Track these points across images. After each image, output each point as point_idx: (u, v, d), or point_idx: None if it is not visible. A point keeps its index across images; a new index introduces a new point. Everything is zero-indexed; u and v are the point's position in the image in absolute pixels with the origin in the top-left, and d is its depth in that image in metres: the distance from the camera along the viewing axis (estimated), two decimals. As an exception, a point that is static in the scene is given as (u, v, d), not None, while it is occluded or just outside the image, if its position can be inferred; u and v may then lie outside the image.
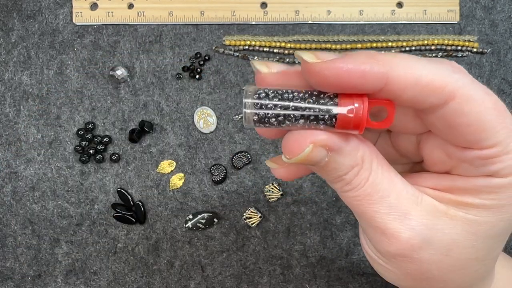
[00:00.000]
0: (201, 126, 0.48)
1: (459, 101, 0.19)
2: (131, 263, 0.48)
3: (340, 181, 0.22)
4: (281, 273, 0.47)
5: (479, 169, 0.21)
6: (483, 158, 0.20)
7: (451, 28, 0.49)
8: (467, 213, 0.21)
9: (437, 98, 0.19)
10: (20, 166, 0.48)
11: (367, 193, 0.21)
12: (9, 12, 0.49)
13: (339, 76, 0.18)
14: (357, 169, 0.21)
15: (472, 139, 0.20)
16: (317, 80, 0.19)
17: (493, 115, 0.19)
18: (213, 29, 0.49)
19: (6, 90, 0.49)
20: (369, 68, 0.18)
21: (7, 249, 0.48)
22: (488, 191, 0.21)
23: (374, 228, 0.22)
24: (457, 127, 0.20)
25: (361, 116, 0.19)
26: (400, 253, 0.22)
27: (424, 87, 0.19)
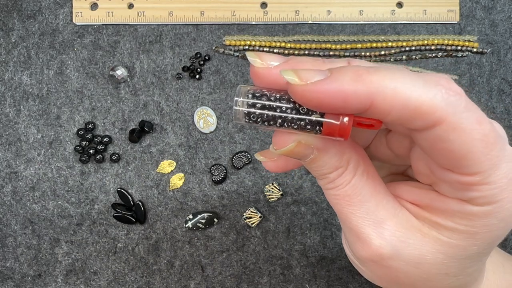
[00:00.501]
0: (201, 126, 0.48)
1: (445, 128, 0.18)
2: (131, 263, 0.48)
3: (324, 178, 0.23)
4: (281, 273, 0.47)
5: (457, 192, 0.21)
6: (462, 184, 0.20)
7: (451, 28, 0.49)
8: (440, 233, 0.22)
9: (423, 123, 0.18)
10: (20, 166, 0.48)
11: (347, 194, 0.22)
12: (9, 12, 0.49)
13: (322, 99, 0.18)
14: (341, 170, 0.22)
15: (454, 165, 0.19)
16: (301, 101, 0.19)
17: (479, 146, 0.19)
18: (213, 29, 0.49)
19: (6, 90, 0.49)
20: (353, 92, 0.18)
21: (7, 249, 0.48)
22: (462, 217, 0.21)
23: (349, 230, 0.23)
24: (439, 150, 0.19)
25: (346, 127, 0.20)
26: (370, 258, 0.22)
27: (411, 111, 0.18)
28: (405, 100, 0.18)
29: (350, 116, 0.19)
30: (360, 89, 0.18)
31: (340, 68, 0.19)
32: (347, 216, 0.23)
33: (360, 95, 0.18)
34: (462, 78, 0.49)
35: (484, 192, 0.20)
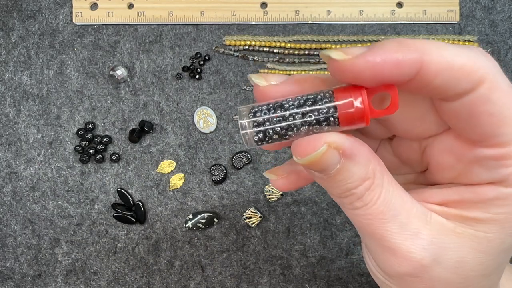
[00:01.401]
0: (201, 126, 0.48)
1: (488, 87, 0.18)
2: (131, 263, 0.48)
3: (349, 196, 0.20)
4: (281, 273, 0.47)
5: (490, 171, 0.20)
6: (495, 158, 0.19)
7: (451, 28, 0.49)
8: (476, 230, 0.21)
9: (468, 82, 0.18)
10: (20, 166, 0.48)
11: (379, 211, 0.20)
12: (9, 12, 0.49)
13: (373, 69, 0.18)
14: (368, 183, 0.20)
15: (489, 132, 0.19)
16: (350, 76, 0.18)
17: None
18: (213, 29, 0.49)
19: (6, 90, 0.49)
20: (402, 57, 0.18)
21: (7, 249, 0.48)
22: (498, 204, 0.20)
23: (382, 248, 0.21)
24: (478, 116, 0.19)
25: (363, 107, 0.18)
26: (410, 273, 0.21)
27: (457, 71, 0.18)
28: (451, 61, 0.18)
29: (363, 90, 0.18)
30: (408, 53, 0.18)
31: (380, 42, 0.18)
32: (381, 235, 0.20)
33: (409, 59, 0.18)
34: (462, 78, 0.49)
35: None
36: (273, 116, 0.19)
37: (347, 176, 0.20)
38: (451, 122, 0.20)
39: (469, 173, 0.21)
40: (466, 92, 0.18)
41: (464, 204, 0.21)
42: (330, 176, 0.20)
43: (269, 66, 0.49)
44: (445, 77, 0.18)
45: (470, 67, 0.18)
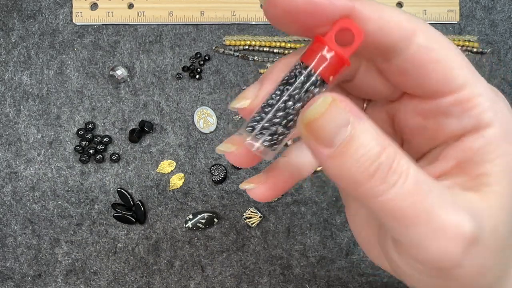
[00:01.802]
0: (201, 126, 0.48)
1: (424, 37, 0.17)
2: (131, 263, 0.48)
3: (377, 171, 0.16)
4: (281, 273, 0.47)
5: (460, 119, 0.18)
6: (458, 104, 0.18)
7: (451, 28, 0.49)
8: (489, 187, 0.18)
9: (401, 34, 0.17)
10: (20, 166, 0.48)
11: (416, 186, 0.16)
12: (9, 12, 0.49)
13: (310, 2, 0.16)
14: (392, 151, 0.16)
15: (442, 79, 0.18)
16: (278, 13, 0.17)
17: (459, 55, 0.18)
18: (213, 29, 0.49)
19: (6, 90, 0.49)
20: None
21: (7, 249, 0.48)
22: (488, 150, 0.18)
23: (426, 231, 0.17)
24: (425, 67, 0.18)
25: (334, 50, 0.17)
26: (462, 251, 0.17)
27: (388, 23, 0.17)
28: (381, 14, 0.17)
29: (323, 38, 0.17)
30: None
31: None
32: (428, 214, 0.16)
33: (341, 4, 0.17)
34: (462, 78, 0.49)
35: (485, 103, 0.18)
36: (267, 118, 0.18)
37: (365, 142, 0.16)
38: (403, 83, 0.19)
39: (442, 129, 0.19)
40: (402, 46, 0.18)
41: (463, 167, 0.19)
42: (342, 146, 0.16)
43: (269, 66, 0.49)
44: (376, 25, 0.17)
45: (399, 20, 0.17)
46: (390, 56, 0.18)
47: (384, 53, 0.18)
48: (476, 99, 0.18)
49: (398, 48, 0.18)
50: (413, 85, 0.19)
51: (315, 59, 0.17)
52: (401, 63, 0.18)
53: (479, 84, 0.18)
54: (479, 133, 0.18)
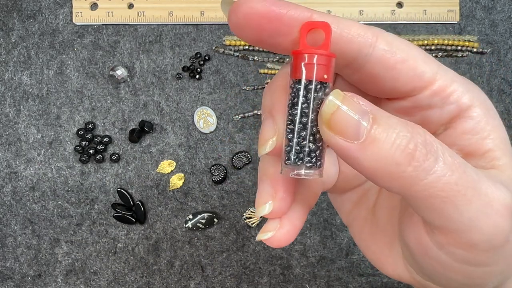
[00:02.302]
0: (201, 126, 0.48)
1: (385, 41, 0.18)
2: (131, 263, 0.48)
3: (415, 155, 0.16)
4: (281, 273, 0.47)
5: (442, 109, 0.19)
6: (436, 93, 0.19)
7: (451, 28, 0.49)
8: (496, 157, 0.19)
9: (363, 39, 0.18)
10: (20, 166, 0.48)
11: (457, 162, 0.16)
12: (9, 12, 0.49)
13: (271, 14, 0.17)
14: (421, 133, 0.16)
15: (412, 76, 0.18)
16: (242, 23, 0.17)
17: (419, 50, 0.19)
18: (213, 29, 0.49)
19: (6, 90, 0.49)
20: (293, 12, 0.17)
21: (7, 249, 0.48)
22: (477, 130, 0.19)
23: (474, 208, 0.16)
24: (395, 67, 0.18)
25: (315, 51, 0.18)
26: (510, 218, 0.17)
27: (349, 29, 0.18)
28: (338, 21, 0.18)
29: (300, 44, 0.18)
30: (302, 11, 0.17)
31: None
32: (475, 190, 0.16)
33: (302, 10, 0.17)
34: (462, 78, 0.49)
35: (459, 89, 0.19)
36: (295, 142, 0.18)
37: (393, 125, 0.16)
38: (378, 89, 0.20)
39: (428, 121, 0.20)
40: (367, 52, 0.18)
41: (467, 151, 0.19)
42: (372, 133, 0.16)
43: (269, 66, 0.49)
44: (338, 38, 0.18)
45: (358, 28, 0.18)
46: (358, 65, 0.18)
47: (352, 63, 0.18)
48: (450, 86, 0.19)
49: (363, 55, 0.18)
50: (389, 89, 0.19)
51: (303, 70, 0.18)
52: (371, 69, 0.18)
53: (448, 72, 0.19)
54: (465, 116, 0.19)
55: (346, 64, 0.19)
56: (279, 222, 0.20)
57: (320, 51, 0.17)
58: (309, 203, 0.21)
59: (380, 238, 0.23)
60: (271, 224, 0.20)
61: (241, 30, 0.17)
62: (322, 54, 0.17)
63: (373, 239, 0.23)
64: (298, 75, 0.18)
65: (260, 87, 0.49)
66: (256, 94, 0.49)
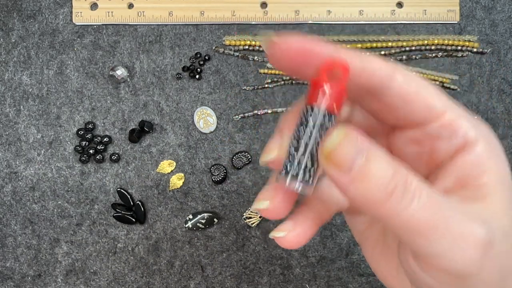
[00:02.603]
0: (201, 126, 0.48)
1: (402, 75, 0.20)
2: (131, 263, 0.48)
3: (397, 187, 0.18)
4: (281, 273, 0.47)
5: (450, 140, 0.21)
6: (445, 126, 0.21)
7: (451, 28, 0.49)
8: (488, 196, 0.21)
9: (383, 72, 0.20)
10: (20, 166, 0.48)
11: (433, 202, 0.18)
12: (9, 12, 0.49)
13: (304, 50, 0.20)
14: (402, 173, 0.18)
15: (425, 108, 0.21)
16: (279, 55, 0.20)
17: (432, 88, 0.21)
18: (213, 29, 0.49)
19: (6, 90, 0.49)
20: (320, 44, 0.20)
21: (7, 249, 0.48)
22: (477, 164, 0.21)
23: (446, 240, 0.18)
24: (409, 99, 0.21)
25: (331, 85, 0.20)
26: (481, 254, 0.19)
27: (370, 63, 0.20)
28: (361, 56, 0.20)
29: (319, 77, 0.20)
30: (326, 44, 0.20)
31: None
32: (447, 224, 0.18)
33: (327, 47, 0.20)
34: (462, 78, 0.49)
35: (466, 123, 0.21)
36: (296, 158, 0.21)
37: (380, 165, 0.18)
38: (392, 118, 0.22)
39: (436, 151, 0.22)
40: (385, 84, 0.20)
41: (461, 182, 0.21)
42: (360, 170, 0.18)
43: (269, 66, 0.49)
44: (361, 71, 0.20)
45: (379, 62, 0.20)
46: (377, 95, 0.21)
47: (371, 94, 0.21)
48: (458, 121, 0.21)
49: (382, 86, 0.21)
50: (402, 118, 0.22)
51: (317, 98, 0.20)
52: (388, 100, 0.21)
53: (457, 108, 0.21)
54: (469, 150, 0.21)
55: (365, 95, 0.21)
56: (292, 225, 0.23)
57: (336, 85, 0.20)
58: (321, 218, 0.24)
59: (389, 259, 0.24)
60: (285, 225, 0.23)
61: (278, 62, 0.21)
62: (337, 89, 0.20)
63: (383, 260, 0.25)
64: (311, 101, 0.20)
65: (260, 87, 0.49)
66: (256, 94, 0.49)
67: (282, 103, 0.49)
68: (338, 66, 0.20)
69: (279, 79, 0.49)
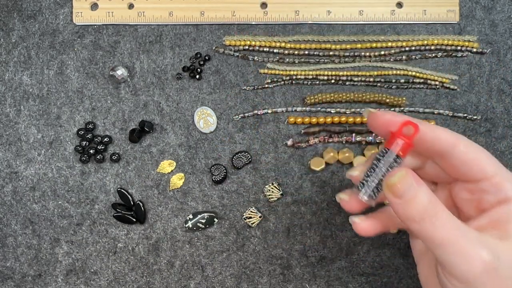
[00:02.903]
0: (201, 126, 0.48)
1: (463, 144, 0.30)
2: (131, 263, 0.48)
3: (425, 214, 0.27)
4: (281, 273, 0.48)
5: (496, 195, 0.29)
6: (494, 185, 0.29)
7: (451, 28, 0.49)
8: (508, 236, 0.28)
9: (449, 141, 0.30)
10: (21, 166, 0.48)
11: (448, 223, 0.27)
12: (9, 12, 0.49)
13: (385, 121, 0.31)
14: (434, 204, 0.27)
15: (479, 171, 0.29)
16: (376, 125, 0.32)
17: (484, 153, 0.30)
18: (213, 29, 0.49)
19: (7, 90, 0.49)
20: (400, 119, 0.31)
21: (7, 249, 0.48)
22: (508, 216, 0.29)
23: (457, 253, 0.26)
24: (468, 162, 0.30)
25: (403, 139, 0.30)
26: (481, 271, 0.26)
27: (440, 134, 0.30)
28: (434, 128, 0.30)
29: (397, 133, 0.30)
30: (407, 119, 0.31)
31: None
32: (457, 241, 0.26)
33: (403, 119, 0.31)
34: (462, 78, 0.49)
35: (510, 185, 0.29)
36: (369, 180, 0.31)
37: (421, 198, 0.27)
38: (454, 173, 0.31)
39: (483, 201, 0.30)
40: (449, 149, 0.30)
41: (493, 223, 0.29)
42: (409, 198, 0.27)
43: (269, 66, 0.49)
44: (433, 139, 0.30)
45: (446, 133, 0.30)
46: (443, 157, 0.31)
47: (440, 155, 0.31)
48: (504, 182, 0.29)
49: (447, 151, 0.30)
50: (462, 175, 0.31)
51: (391, 145, 0.30)
52: (452, 161, 0.30)
53: (504, 171, 0.30)
54: (506, 204, 0.29)
55: (434, 155, 0.31)
56: (365, 218, 0.33)
57: (406, 138, 0.30)
58: (385, 225, 0.34)
59: (434, 280, 0.31)
60: (361, 216, 0.33)
61: (374, 128, 0.32)
62: (407, 142, 0.30)
63: (430, 280, 0.33)
64: (387, 146, 0.30)
65: (260, 87, 0.49)
66: (256, 94, 0.49)
67: (282, 103, 0.49)
68: (411, 125, 0.29)
69: (279, 79, 0.49)
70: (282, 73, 0.49)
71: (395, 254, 0.47)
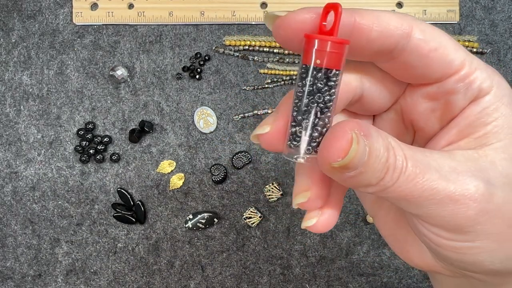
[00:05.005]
0: (201, 126, 0.48)
1: (420, 31, 0.20)
2: (131, 263, 0.48)
3: (387, 172, 0.19)
4: (281, 273, 0.47)
5: (465, 94, 0.21)
6: (462, 80, 0.21)
7: (451, 28, 0.49)
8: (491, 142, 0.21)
9: (400, 32, 0.20)
10: (21, 166, 0.48)
11: (416, 172, 0.19)
12: (9, 12, 0.49)
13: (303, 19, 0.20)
14: (392, 151, 0.19)
15: (443, 64, 0.21)
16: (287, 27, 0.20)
17: (450, 39, 0.21)
18: (213, 29, 0.49)
19: (7, 90, 0.49)
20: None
21: (7, 249, 0.48)
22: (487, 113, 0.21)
23: (440, 205, 0.19)
24: (427, 55, 0.20)
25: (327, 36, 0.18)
26: (479, 209, 0.19)
27: (388, 24, 0.20)
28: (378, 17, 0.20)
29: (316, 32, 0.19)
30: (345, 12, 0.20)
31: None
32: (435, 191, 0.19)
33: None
34: (462, 78, 0.49)
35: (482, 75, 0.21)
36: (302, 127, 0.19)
37: (377, 155, 0.19)
38: (409, 76, 0.22)
39: (451, 106, 0.22)
40: (403, 42, 0.20)
41: (464, 132, 0.21)
42: (364, 165, 0.19)
43: (269, 66, 0.49)
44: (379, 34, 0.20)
45: (396, 21, 0.20)
46: (393, 55, 0.21)
47: (388, 53, 0.21)
48: (475, 73, 0.21)
49: (400, 45, 0.20)
50: (419, 75, 0.21)
51: (316, 53, 0.18)
52: (405, 58, 0.21)
53: (474, 61, 0.21)
54: (480, 100, 0.21)
55: (380, 54, 0.21)
56: (319, 209, 0.23)
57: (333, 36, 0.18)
58: (340, 193, 0.24)
59: (404, 225, 0.24)
60: (313, 212, 0.23)
61: (286, 42, 0.20)
62: (337, 40, 0.18)
63: (398, 227, 0.25)
64: (306, 61, 0.19)
65: (260, 87, 0.49)
66: (256, 94, 0.49)
67: (282, 103, 0.49)
68: (331, 8, 0.18)
69: (279, 79, 0.49)
70: (282, 73, 0.49)
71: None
